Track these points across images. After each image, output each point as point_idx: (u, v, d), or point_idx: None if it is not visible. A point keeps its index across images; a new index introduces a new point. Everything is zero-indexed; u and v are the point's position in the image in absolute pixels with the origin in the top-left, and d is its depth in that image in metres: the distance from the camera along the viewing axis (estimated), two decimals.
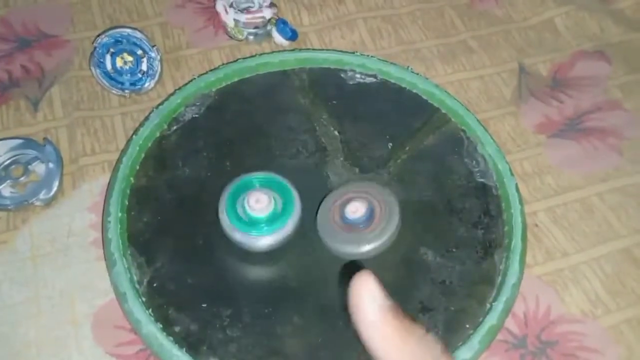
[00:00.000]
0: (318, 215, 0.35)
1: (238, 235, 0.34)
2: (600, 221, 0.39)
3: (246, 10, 0.46)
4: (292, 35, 0.46)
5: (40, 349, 0.33)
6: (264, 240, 0.34)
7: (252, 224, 0.34)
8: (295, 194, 0.35)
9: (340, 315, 0.33)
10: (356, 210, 0.34)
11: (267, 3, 0.47)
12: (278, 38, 0.46)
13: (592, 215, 0.39)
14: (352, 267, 0.33)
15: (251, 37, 0.46)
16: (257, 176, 0.36)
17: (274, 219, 0.34)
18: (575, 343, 0.34)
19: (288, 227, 0.34)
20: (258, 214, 0.34)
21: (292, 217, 0.34)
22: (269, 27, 0.46)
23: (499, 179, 0.39)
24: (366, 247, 0.33)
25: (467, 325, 0.33)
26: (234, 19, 0.45)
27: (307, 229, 0.35)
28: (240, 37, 0.46)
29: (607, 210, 0.39)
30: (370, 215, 0.34)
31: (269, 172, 0.36)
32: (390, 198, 0.35)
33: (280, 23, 0.46)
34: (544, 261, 0.37)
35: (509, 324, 0.34)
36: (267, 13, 0.46)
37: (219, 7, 0.46)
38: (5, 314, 0.34)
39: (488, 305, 0.34)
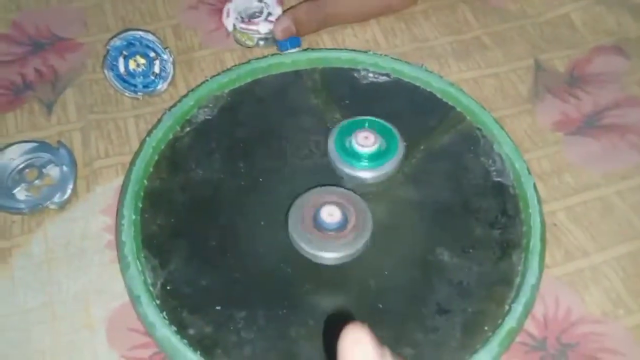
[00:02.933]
0: (289, 215, 0.34)
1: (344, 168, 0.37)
2: (621, 220, 0.38)
3: (248, 19, 0.46)
4: (292, 43, 0.45)
5: (55, 355, 0.33)
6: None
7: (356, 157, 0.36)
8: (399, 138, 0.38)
9: (355, 318, 0.33)
10: (331, 214, 0.33)
11: (274, 15, 0.46)
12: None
13: (612, 213, 0.38)
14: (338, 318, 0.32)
15: (262, 43, 0.46)
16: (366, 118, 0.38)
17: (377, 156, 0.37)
18: (596, 344, 0.33)
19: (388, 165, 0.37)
20: (364, 150, 0.36)
21: (394, 157, 0.37)
22: None
23: (516, 178, 0.38)
24: (336, 254, 0.33)
25: (486, 328, 0.32)
26: (234, 24, 0.45)
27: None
28: (250, 43, 0.45)
29: (628, 209, 0.39)
30: (344, 221, 0.33)
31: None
32: (363, 207, 0.34)
33: (279, 43, 0.45)
34: (564, 261, 0.36)
35: (528, 326, 0.33)
36: (263, 28, 0.45)
37: (225, 12, 0.46)
38: (20, 319, 0.34)
39: (507, 307, 0.33)
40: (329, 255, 0.33)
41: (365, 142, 0.37)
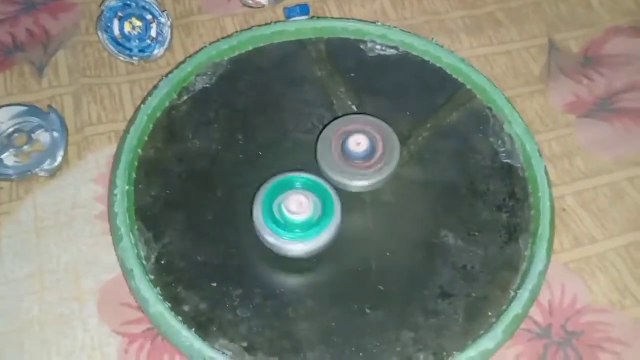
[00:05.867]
0: (318, 144, 0.34)
1: (270, 238, 0.31)
2: (631, 207, 0.37)
3: None
4: (302, 10, 0.43)
5: (44, 326, 0.31)
6: (297, 246, 0.31)
7: (287, 227, 0.31)
8: (336, 201, 0.32)
9: (354, 299, 0.32)
10: (359, 143, 0.34)
11: None
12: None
13: (622, 200, 0.37)
14: None
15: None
16: (298, 176, 0.33)
17: (310, 225, 0.31)
18: (601, 334, 0.32)
19: (324, 235, 0.31)
20: (295, 218, 0.31)
21: (329, 226, 0.31)
22: None
23: (526, 160, 0.36)
24: (364, 182, 0.33)
25: (490, 313, 0.31)
26: None
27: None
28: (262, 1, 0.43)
29: (638, 196, 0.37)
30: (371, 150, 0.34)
31: (311, 174, 0.33)
32: (391, 135, 0.35)
33: (287, 10, 0.43)
34: (571, 247, 0.35)
35: (533, 313, 0.32)
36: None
37: None
38: (8, 288, 0.32)
39: (512, 293, 0.32)
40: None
41: (297, 208, 0.31)
